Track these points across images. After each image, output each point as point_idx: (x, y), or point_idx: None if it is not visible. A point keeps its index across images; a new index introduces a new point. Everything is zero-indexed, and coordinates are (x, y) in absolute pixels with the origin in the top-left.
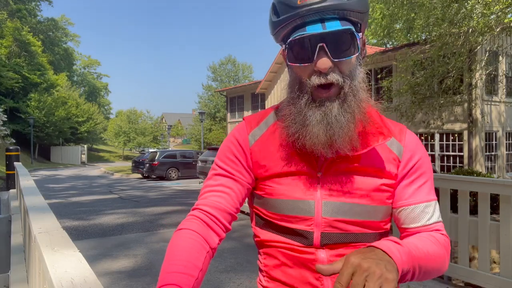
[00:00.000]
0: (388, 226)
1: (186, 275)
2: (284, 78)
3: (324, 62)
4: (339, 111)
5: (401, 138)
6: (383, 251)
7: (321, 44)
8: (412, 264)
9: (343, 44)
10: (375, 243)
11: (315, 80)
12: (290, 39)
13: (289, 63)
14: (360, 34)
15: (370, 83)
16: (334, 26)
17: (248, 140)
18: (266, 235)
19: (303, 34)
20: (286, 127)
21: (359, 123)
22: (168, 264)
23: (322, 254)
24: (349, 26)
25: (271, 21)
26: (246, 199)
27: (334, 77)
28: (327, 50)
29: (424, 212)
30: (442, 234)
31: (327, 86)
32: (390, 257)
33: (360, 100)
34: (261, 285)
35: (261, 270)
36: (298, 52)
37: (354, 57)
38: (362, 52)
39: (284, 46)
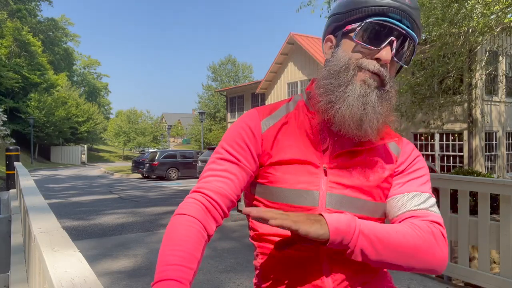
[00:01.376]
0: None
1: (185, 267)
2: (284, 78)
3: (386, 55)
4: (376, 100)
5: (399, 142)
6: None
7: (393, 38)
8: (355, 230)
9: (406, 50)
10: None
11: (370, 65)
12: (372, 19)
13: (355, 39)
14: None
15: None
16: (410, 29)
17: (261, 126)
18: (264, 227)
19: (388, 21)
20: (322, 95)
21: (384, 121)
22: (167, 254)
23: (322, 251)
24: (417, 40)
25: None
26: (243, 194)
27: (385, 72)
28: (394, 46)
29: (413, 199)
30: (430, 221)
31: (375, 75)
32: (322, 217)
33: (389, 105)
34: (257, 284)
35: (257, 269)
36: (369, 35)
37: (403, 67)
38: (400, 71)
39: (359, 22)
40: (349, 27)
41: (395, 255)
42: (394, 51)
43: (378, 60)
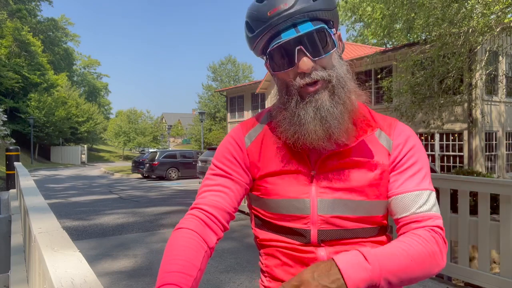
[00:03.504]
0: (386, 220)
1: (185, 274)
2: None
3: (305, 63)
4: (331, 103)
5: (390, 132)
6: (339, 270)
7: (299, 47)
8: (379, 277)
9: (319, 43)
10: (337, 258)
11: (300, 81)
12: (269, 49)
13: (273, 72)
14: (334, 30)
15: (370, 83)
16: (307, 27)
17: (244, 141)
18: (265, 235)
19: (280, 42)
20: (284, 131)
21: (351, 113)
22: (167, 264)
23: (322, 252)
24: (321, 25)
25: (248, 38)
26: (245, 200)
27: (318, 74)
28: (305, 51)
29: (414, 201)
30: (432, 229)
31: (313, 83)
32: (343, 278)
33: (349, 90)
34: (263, 285)
35: (262, 271)
36: (280, 60)
37: (333, 52)
38: (340, 46)
39: (265, 57)
40: (265, 61)
41: (408, 281)
42: (309, 54)
43: (302, 73)
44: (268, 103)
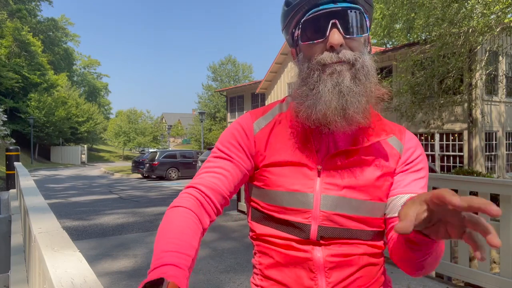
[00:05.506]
0: (384, 225)
1: (183, 254)
2: (284, 78)
3: (336, 37)
4: (352, 81)
5: (401, 137)
6: None
7: (333, 21)
8: None
9: (353, 22)
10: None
11: (327, 58)
12: (304, 18)
13: (302, 43)
14: (368, 22)
15: None
16: (346, 4)
17: (253, 128)
18: (262, 229)
19: (317, 11)
20: (299, 104)
21: (369, 99)
22: (164, 243)
23: (318, 253)
24: (359, 7)
25: (284, 11)
26: (244, 195)
27: (345, 54)
28: (339, 25)
29: None
30: None
31: (339, 62)
32: None
33: (371, 82)
34: (255, 284)
35: (255, 269)
36: (311, 31)
37: (364, 36)
38: (369, 41)
39: (297, 27)
40: (296, 34)
41: (437, 258)
42: (342, 30)
43: (332, 48)
44: (268, 103)
